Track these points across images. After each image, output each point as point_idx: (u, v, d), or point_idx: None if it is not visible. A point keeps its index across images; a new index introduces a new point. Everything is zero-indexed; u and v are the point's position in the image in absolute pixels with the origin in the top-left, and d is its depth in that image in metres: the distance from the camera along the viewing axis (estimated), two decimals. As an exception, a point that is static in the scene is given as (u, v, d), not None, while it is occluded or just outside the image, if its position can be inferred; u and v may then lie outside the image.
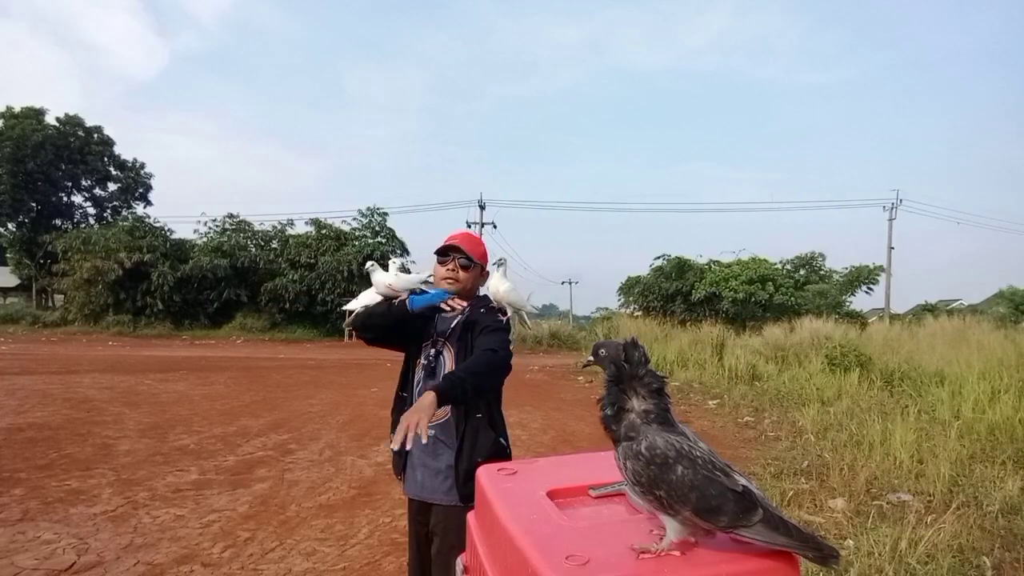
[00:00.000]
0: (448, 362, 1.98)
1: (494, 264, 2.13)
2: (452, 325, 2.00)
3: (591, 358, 1.04)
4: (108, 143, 34.81)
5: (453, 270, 2.02)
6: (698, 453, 0.86)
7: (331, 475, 4.90)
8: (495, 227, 32.01)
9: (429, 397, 1.60)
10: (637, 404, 0.94)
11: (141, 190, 36.24)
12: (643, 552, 0.86)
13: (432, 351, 2.00)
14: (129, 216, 29.90)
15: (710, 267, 25.13)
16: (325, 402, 8.61)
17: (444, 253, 2.05)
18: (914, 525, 3.33)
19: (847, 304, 26.38)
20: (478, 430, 1.88)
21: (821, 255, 28.96)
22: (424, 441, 1.49)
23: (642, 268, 27.08)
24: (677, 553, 0.86)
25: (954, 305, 29.87)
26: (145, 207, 35.71)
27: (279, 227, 27.42)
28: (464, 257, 2.03)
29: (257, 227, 27.52)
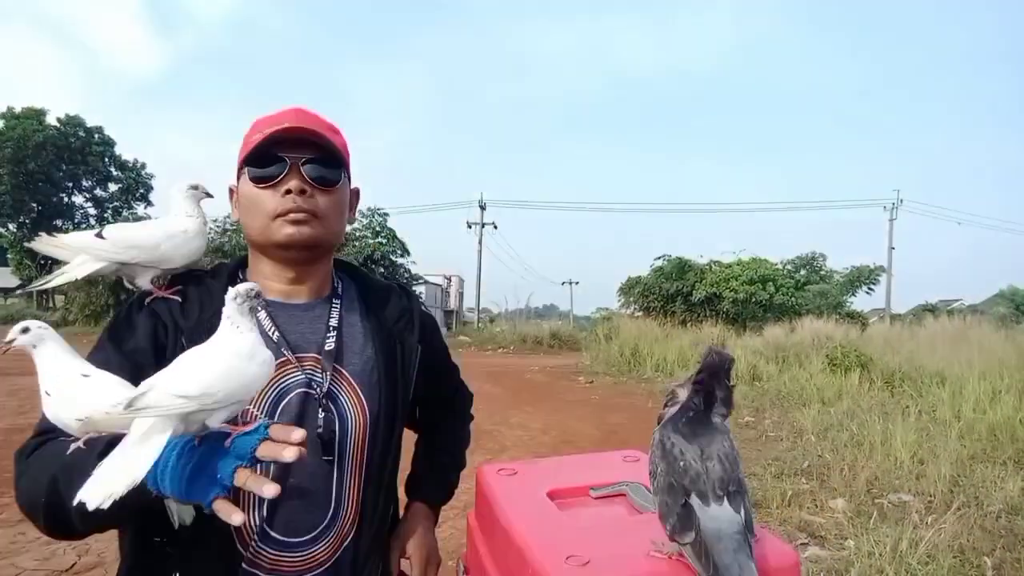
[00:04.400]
0: (351, 408, 0.99)
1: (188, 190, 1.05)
2: (332, 325, 1.03)
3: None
4: (109, 143, 34.88)
5: (307, 194, 0.97)
6: (682, 459, 0.84)
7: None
8: (495, 227, 32.06)
9: (430, 535, 1.14)
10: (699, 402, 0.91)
11: (142, 190, 36.29)
12: (655, 551, 0.86)
13: (307, 386, 0.96)
14: (130, 216, 29.97)
15: (710, 267, 25.11)
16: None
17: (272, 158, 0.96)
18: (915, 525, 3.33)
19: (848, 304, 26.38)
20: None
21: (822, 255, 29.01)
22: None
23: (642, 268, 27.07)
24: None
25: (955, 305, 29.87)
26: (146, 207, 35.77)
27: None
28: (320, 162, 0.98)
29: (258, 227, 27.54)
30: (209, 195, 1.08)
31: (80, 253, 0.98)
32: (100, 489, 0.64)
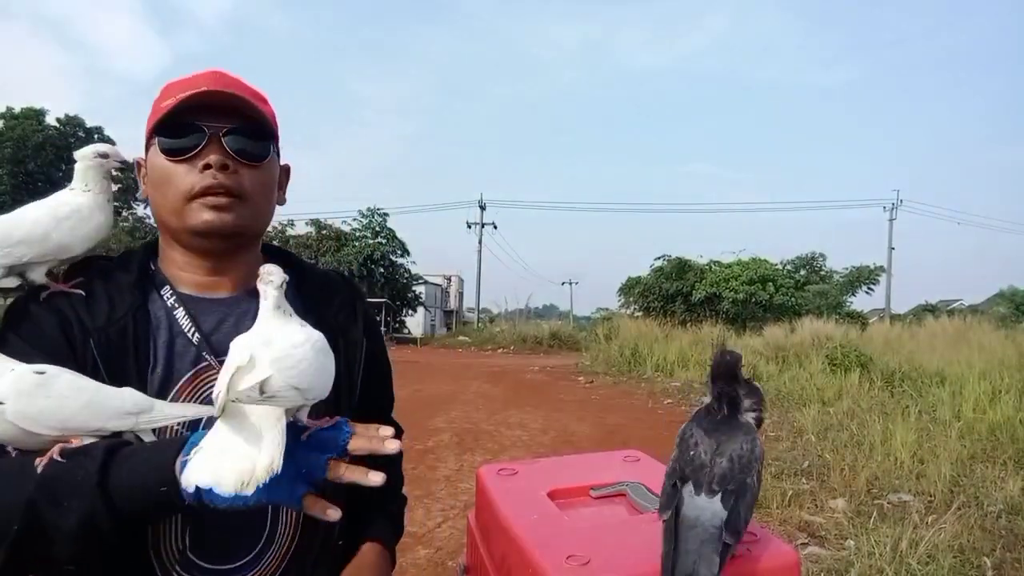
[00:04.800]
0: None
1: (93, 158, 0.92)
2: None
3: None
4: (109, 144, 34.89)
5: (229, 170, 0.83)
6: (694, 449, 0.87)
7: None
8: (495, 227, 32.06)
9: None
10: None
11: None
12: None
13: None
14: (130, 217, 29.98)
15: (710, 267, 25.12)
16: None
17: (187, 127, 0.83)
18: (915, 525, 3.33)
19: (847, 304, 26.40)
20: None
21: (821, 255, 29.05)
22: None
23: (642, 268, 27.07)
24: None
25: (954, 305, 29.90)
26: (145, 208, 35.74)
27: (279, 227, 27.46)
28: (244, 132, 0.85)
29: (257, 227, 27.55)
30: (125, 163, 0.92)
31: None
32: (231, 476, 0.59)
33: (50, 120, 32.40)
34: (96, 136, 34.24)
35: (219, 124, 0.83)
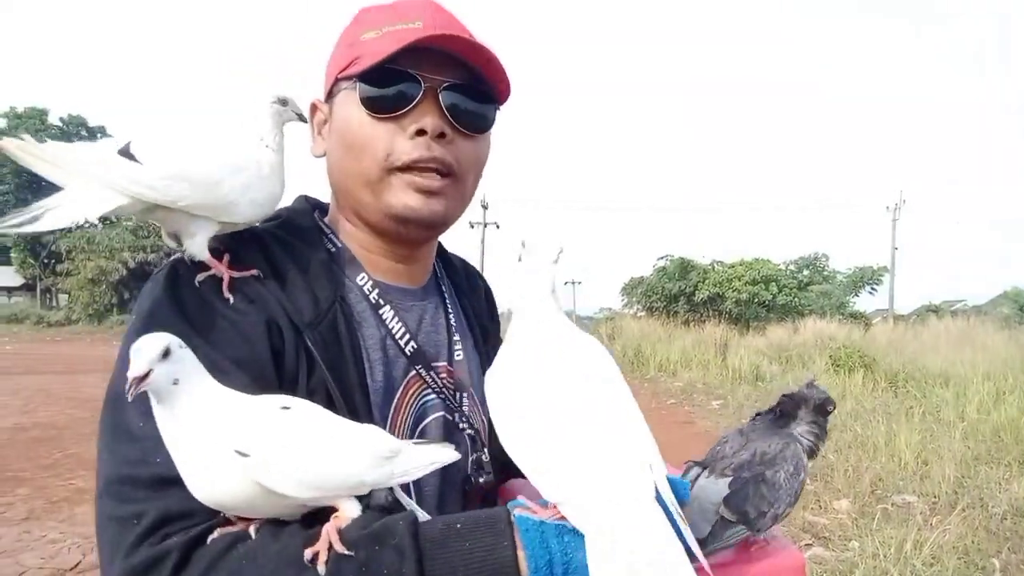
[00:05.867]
0: (483, 438, 0.74)
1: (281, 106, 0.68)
2: (452, 324, 0.76)
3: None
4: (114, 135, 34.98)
5: (445, 139, 0.66)
6: (722, 445, 0.89)
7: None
8: (498, 227, 32.01)
9: None
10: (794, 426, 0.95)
11: (145, 190, 36.45)
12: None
13: (445, 410, 0.71)
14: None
15: (713, 267, 25.09)
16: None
17: (397, 75, 0.63)
18: (919, 527, 3.32)
19: (851, 305, 26.34)
20: None
21: (824, 256, 28.95)
22: None
23: (645, 268, 27.04)
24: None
25: (958, 306, 29.80)
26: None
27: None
28: (468, 92, 0.67)
29: (260, 227, 27.58)
30: (301, 118, 0.72)
31: (85, 178, 0.58)
32: None
33: (53, 119, 32.54)
34: (99, 135, 34.38)
35: (439, 76, 0.64)
